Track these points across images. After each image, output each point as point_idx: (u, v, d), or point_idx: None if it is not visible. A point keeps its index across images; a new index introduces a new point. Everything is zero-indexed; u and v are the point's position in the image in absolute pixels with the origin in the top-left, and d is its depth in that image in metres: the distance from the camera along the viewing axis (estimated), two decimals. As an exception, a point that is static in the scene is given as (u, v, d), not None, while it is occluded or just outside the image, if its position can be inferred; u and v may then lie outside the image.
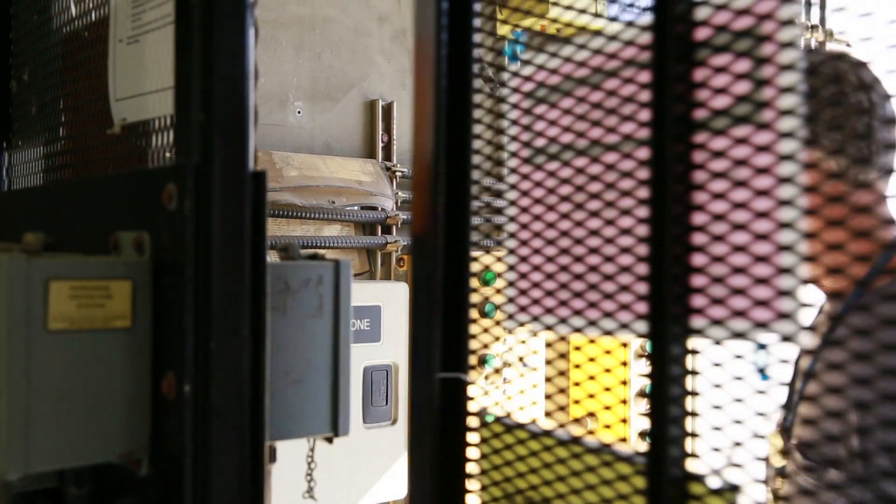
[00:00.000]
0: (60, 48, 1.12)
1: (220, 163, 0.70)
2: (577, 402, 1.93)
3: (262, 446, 0.71)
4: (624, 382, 2.20)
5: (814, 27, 2.92)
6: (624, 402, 2.20)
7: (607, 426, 2.24)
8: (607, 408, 2.12)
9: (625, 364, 2.22)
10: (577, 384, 0.78)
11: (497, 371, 1.99)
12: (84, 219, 0.85)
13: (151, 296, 0.72)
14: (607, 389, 0.68)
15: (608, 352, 0.59)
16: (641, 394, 2.17)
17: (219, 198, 0.69)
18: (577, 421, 2.09)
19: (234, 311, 0.69)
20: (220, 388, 0.69)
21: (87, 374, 0.69)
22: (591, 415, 2.13)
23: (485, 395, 0.82)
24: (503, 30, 1.02)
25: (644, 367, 2.05)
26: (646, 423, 1.93)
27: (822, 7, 2.98)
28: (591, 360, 0.75)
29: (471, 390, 0.80)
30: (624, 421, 2.16)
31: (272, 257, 0.75)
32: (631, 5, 0.64)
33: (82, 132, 1.05)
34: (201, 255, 0.69)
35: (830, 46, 2.96)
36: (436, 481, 0.79)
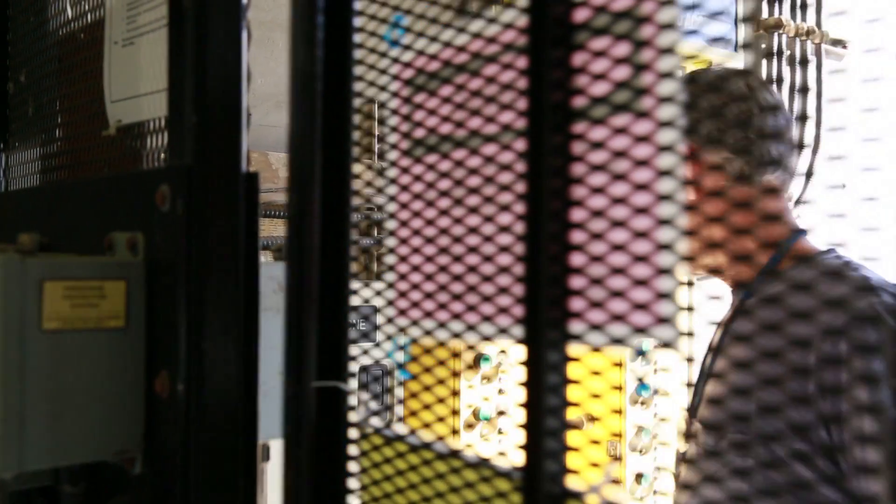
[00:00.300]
0: (57, 50, 1.15)
1: (213, 164, 0.71)
2: (575, 405, 1.89)
3: (254, 445, 0.73)
4: (619, 388, 2.16)
5: (809, 31, 2.94)
6: (619, 412, 2.16)
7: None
8: (594, 419, 2.08)
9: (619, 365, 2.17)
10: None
11: (494, 371, 1.96)
12: (79, 219, 0.86)
13: (145, 296, 0.73)
14: (596, 396, 0.63)
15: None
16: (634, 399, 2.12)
17: (211, 199, 0.70)
18: (571, 423, 2.04)
19: (227, 311, 0.71)
20: (213, 387, 0.70)
21: (80, 374, 0.70)
22: (593, 419, 2.06)
23: (485, 400, 0.77)
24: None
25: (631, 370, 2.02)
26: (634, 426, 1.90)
27: (819, 10, 3.00)
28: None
29: (351, 399, 0.74)
30: (618, 412, 2.11)
31: (267, 257, 0.73)
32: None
33: (78, 133, 1.08)
34: (194, 256, 0.70)
35: (826, 49, 2.98)
36: (313, 499, 0.73)
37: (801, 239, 1.20)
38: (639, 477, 2.00)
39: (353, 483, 0.74)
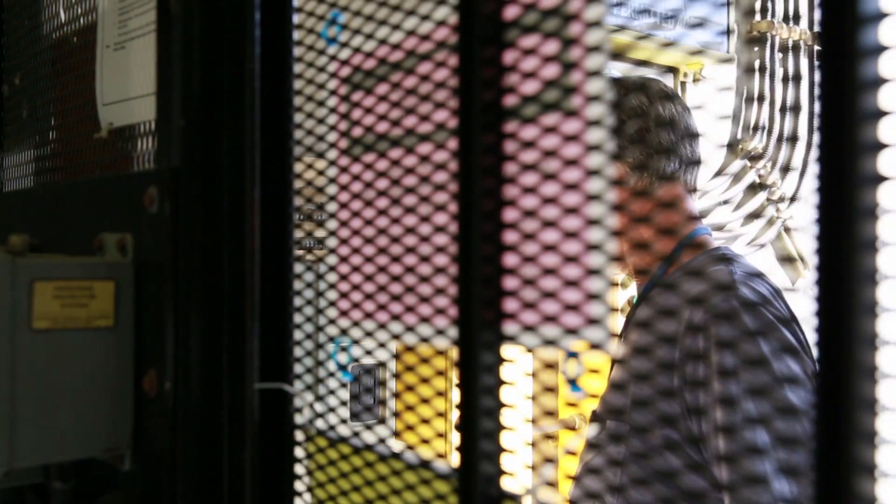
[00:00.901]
0: (51, 53, 1.16)
1: (200, 167, 0.71)
2: (572, 404, 1.91)
3: (242, 441, 0.72)
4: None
5: (802, 33, 2.94)
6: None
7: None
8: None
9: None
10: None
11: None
12: (71, 221, 0.87)
13: (134, 295, 0.74)
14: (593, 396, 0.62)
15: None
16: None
17: (198, 201, 0.71)
18: (565, 422, 2.06)
19: (213, 311, 0.71)
20: (200, 384, 0.71)
21: (70, 372, 0.71)
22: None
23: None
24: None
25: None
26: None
27: (811, 11, 3.01)
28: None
29: (297, 401, 0.73)
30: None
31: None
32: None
33: (72, 136, 1.09)
34: (181, 256, 0.71)
35: (817, 49, 2.99)
36: (257, 502, 0.73)
37: (702, 235, 1.24)
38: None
39: (299, 485, 0.74)
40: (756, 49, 2.88)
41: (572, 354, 0.51)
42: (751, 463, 1.00)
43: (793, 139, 2.97)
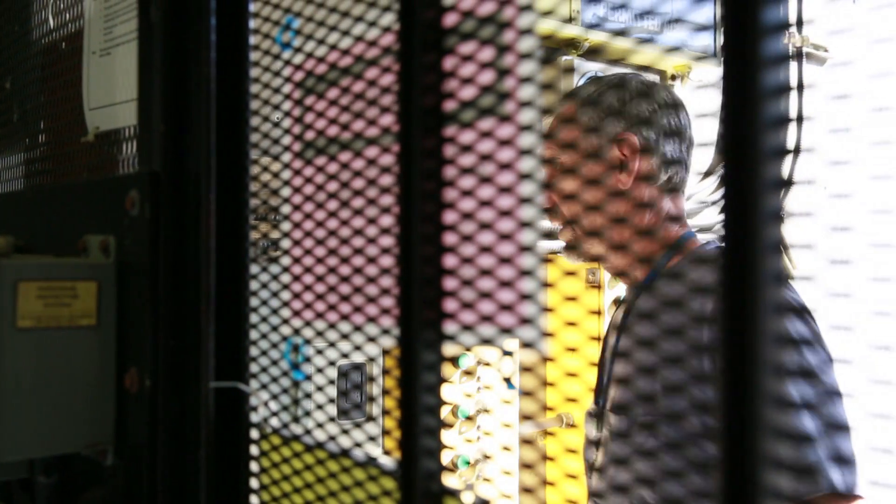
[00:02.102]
0: (41, 58, 1.19)
1: (180, 171, 0.73)
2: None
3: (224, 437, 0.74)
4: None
5: (790, 34, 2.96)
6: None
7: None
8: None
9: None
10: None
11: (468, 373, 1.98)
12: (57, 223, 0.89)
13: (116, 295, 0.76)
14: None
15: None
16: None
17: (177, 203, 0.73)
18: (558, 417, 2.08)
19: (193, 310, 0.72)
20: (179, 382, 0.73)
21: (54, 370, 0.73)
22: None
23: (467, 396, 0.77)
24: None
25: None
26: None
27: (799, 13, 3.03)
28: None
29: (252, 399, 0.75)
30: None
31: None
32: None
33: (60, 139, 1.12)
34: (161, 257, 0.73)
35: (806, 52, 3.01)
36: (212, 499, 0.74)
37: (693, 238, 1.26)
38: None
39: (254, 482, 0.75)
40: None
41: (507, 353, 0.52)
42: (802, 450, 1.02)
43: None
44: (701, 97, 2.74)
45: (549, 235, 1.29)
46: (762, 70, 0.38)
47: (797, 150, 3.00)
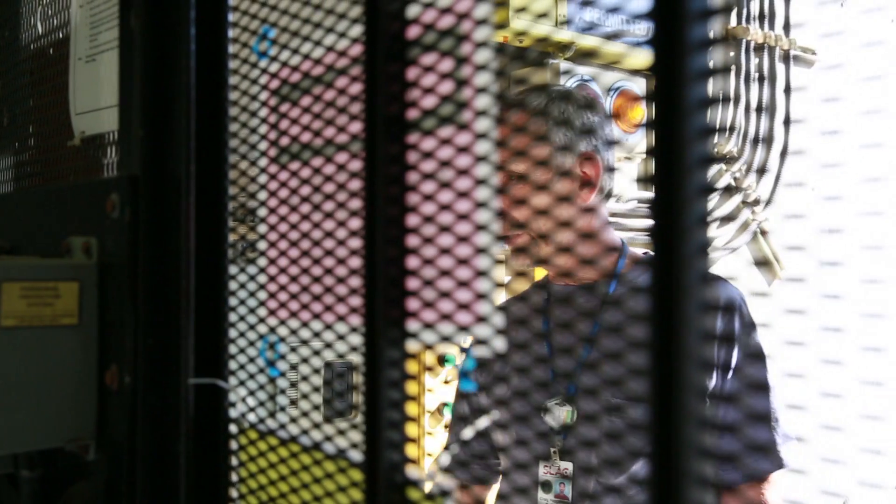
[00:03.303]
0: (30, 64, 1.22)
1: (160, 174, 0.76)
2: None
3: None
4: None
5: (777, 38, 2.99)
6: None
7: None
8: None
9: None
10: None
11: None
12: (42, 225, 0.92)
13: (97, 295, 0.79)
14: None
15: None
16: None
17: (156, 206, 0.75)
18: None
19: (172, 309, 0.75)
20: (157, 379, 0.75)
21: (37, 367, 0.75)
22: None
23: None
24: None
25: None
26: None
27: (787, 16, 3.05)
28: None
29: (231, 395, 0.77)
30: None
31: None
32: None
33: (48, 143, 1.15)
34: (140, 258, 0.75)
35: (795, 55, 3.04)
36: (191, 493, 0.76)
37: (625, 242, 1.38)
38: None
39: (233, 476, 0.78)
40: (731, 54, 2.93)
41: (464, 350, 0.55)
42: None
43: (768, 141, 3.02)
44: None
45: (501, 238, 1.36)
46: (689, 85, 0.41)
47: (785, 153, 3.03)
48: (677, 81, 0.41)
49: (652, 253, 0.43)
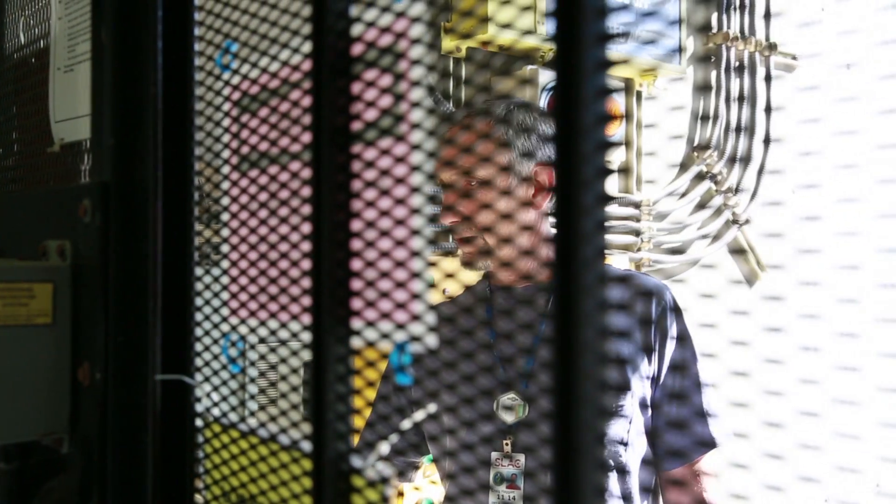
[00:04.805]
0: (13, 73, 1.26)
1: (129, 181, 0.80)
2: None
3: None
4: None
5: (758, 43, 3.03)
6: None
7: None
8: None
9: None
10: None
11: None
12: (21, 229, 0.97)
13: (71, 296, 0.83)
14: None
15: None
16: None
17: (126, 211, 0.80)
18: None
19: (139, 309, 0.79)
20: (127, 376, 0.79)
21: (12, 364, 0.80)
22: None
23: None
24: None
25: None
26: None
27: (767, 20, 3.10)
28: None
29: (197, 391, 0.81)
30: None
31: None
32: (296, 15, 0.66)
33: (30, 150, 1.19)
34: (111, 260, 0.79)
35: (775, 60, 3.08)
36: (159, 488, 0.80)
37: None
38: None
39: (198, 467, 0.82)
40: (713, 59, 2.98)
41: (400, 346, 0.59)
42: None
43: (750, 130, 3.06)
44: (666, 102, 2.80)
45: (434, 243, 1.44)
46: (587, 105, 0.45)
47: (767, 141, 3.06)
48: (577, 72, 0.45)
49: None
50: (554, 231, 1.35)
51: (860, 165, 3.11)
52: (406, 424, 1.42)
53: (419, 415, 1.39)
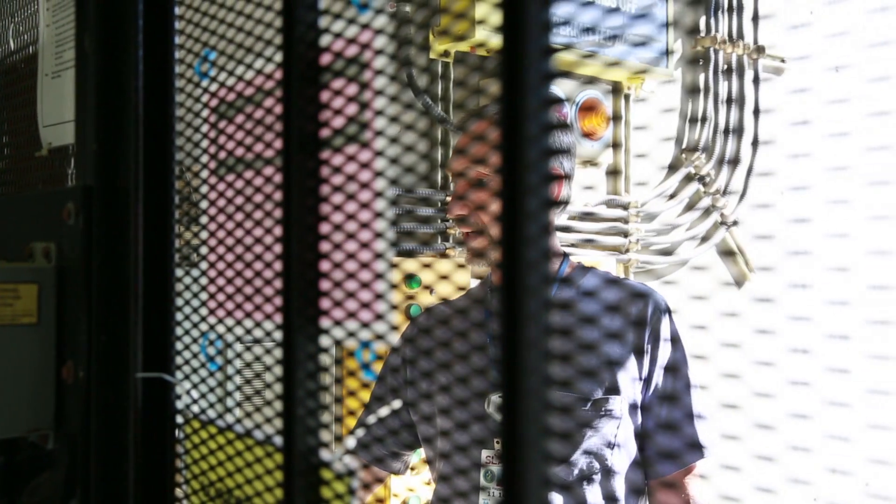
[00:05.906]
0: (2, 78, 1.31)
1: (112, 185, 0.82)
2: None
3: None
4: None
5: (746, 46, 3.06)
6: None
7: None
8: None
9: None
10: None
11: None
12: (8, 231, 0.99)
13: (56, 296, 0.85)
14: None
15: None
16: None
17: (108, 214, 0.82)
18: None
19: (121, 309, 0.81)
20: (109, 373, 0.81)
21: None
22: None
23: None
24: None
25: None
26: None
27: (755, 23, 3.12)
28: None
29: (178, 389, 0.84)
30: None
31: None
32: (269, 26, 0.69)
33: (20, 154, 1.23)
34: (94, 262, 0.81)
35: (763, 63, 3.11)
36: (140, 482, 0.83)
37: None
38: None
39: (178, 462, 0.84)
40: (701, 62, 3.01)
41: (365, 344, 0.62)
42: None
43: (738, 133, 3.08)
44: (654, 104, 2.83)
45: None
46: (532, 116, 0.48)
47: (755, 143, 3.09)
48: (521, 84, 0.48)
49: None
50: (555, 243, 1.40)
51: (849, 168, 3.14)
52: (383, 412, 1.43)
53: (392, 406, 1.42)
